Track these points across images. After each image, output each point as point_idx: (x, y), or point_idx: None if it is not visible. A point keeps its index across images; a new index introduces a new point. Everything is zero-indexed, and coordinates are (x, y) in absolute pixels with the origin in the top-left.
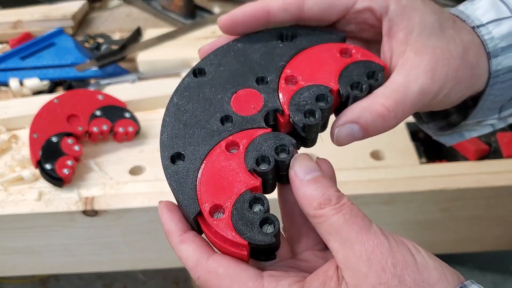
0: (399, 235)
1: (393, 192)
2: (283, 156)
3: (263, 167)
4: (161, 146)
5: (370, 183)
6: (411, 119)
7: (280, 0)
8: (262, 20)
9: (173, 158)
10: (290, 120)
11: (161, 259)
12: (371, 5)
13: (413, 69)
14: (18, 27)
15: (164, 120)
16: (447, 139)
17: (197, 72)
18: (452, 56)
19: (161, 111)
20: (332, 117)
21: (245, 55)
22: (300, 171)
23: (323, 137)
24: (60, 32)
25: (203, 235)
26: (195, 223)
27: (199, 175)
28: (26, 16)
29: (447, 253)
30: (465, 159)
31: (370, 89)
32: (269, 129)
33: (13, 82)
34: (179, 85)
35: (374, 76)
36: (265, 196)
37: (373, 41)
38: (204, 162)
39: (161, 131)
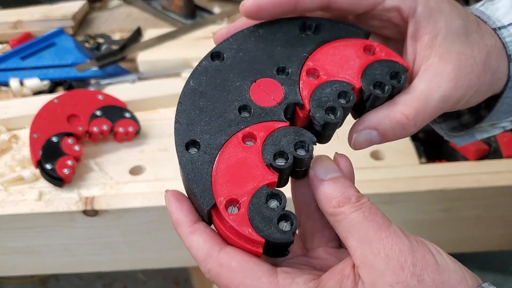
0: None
1: (393, 192)
2: (301, 153)
3: (281, 163)
4: (175, 132)
5: (370, 183)
6: None
7: None
8: (289, 6)
9: (187, 145)
10: (310, 115)
11: (161, 259)
12: (400, 4)
13: (436, 76)
14: (18, 27)
15: (179, 103)
16: (459, 140)
17: (214, 55)
18: (475, 63)
19: (162, 111)
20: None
21: (266, 42)
22: (321, 171)
23: (338, 134)
24: (60, 32)
25: (212, 226)
26: (207, 215)
27: (214, 166)
28: (26, 16)
29: (447, 253)
30: (465, 159)
31: (392, 90)
32: (287, 123)
33: (14, 82)
34: (196, 68)
35: (397, 77)
36: (282, 192)
37: (392, 39)
38: (220, 152)
39: (176, 115)
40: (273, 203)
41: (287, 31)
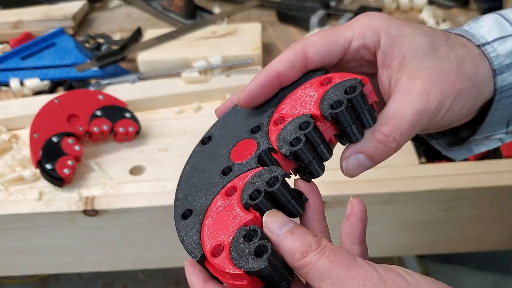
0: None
1: (393, 192)
2: (273, 186)
3: (254, 199)
4: (174, 208)
5: (370, 183)
6: None
7: (285, 59)
8: (275, 84)
9: (183, 215)
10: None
11: (161, 259)
12: (365, 42)
13: (406, 94)
14: (18, 27)
15: (178, 185)
16: (456, 154)
17: (205, 140)
18: (446, 73)
19: (162, 111)
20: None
21: (243, 114)
22: (274, 227)
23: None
24: (60, 32)
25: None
26: (203, 266)
27: (203, 224)
28: (26, 16)
29: (447, 253)
30: (465, 159)
31: (352, 102)
32: (261, 167)
33: (14, 82)
34: (191, 155)
35: (351, 89)
36: (258, 227)
37: (372, 74)
38: (208, 211)
39: (175, 195)
40: (251, 238)
41: None
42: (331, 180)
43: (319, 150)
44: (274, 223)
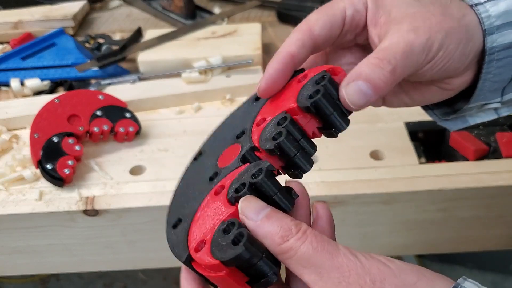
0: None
1: (393, 192)
2: (257, 177)
3: (239, 192)
4: (167, 223)
5: (370, 183)
6: (410, 119)
7: (294, 40)
8: (290, 65)
9: (174, 225)
10: (263, 149)
11: (162, 259)
12: (355, 7)
13: (395, 33)
14: (19, 27)
15: (171, 203)
16: (451, 125)
17: (197, 156)
18: (432, 14)
19: (162, 111)
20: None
21: (230, 124)
22: (250, 213)
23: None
24: (60, 32)
25: None
26: (190, 267)
27: (191, 226)
28: (26, 17)
29: (447, 253)
30: (465, 159)
31: (326, 88)
32: (247, 164)
33: (14, 82)
34: (184, 172)
35: (322, 78)
36: (237, 219)
37: (368, 46)
38: (196, 213)
39: (168, 211)
40: (230, 231)
41: (244, 108)
42: (331, 180)
43: (302, 144)
44: (250, 209)
